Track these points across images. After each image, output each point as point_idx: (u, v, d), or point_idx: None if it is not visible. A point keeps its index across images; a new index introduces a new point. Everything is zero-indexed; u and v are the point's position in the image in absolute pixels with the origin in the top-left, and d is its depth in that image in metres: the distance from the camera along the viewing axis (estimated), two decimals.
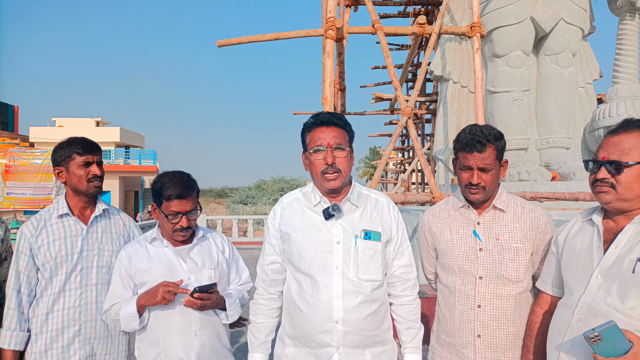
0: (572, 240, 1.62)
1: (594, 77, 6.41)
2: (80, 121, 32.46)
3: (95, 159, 2.11)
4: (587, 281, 1.49)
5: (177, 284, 1.89)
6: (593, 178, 1.53)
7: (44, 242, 2.03)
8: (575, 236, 1.62)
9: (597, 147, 1.55)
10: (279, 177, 34.18)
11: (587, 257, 1.53)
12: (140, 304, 1.89)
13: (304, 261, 1.74)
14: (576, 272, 1.55)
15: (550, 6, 5.67)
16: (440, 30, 5.36)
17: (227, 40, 5.25)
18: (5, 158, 15.02)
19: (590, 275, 1.48)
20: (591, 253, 1.52)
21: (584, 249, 1.56)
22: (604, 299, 1.43)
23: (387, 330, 1.83)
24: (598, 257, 1.49)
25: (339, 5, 7.27)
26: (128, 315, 1.89)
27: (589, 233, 1.57)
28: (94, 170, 2.09)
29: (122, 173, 26.99)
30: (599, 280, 1.46)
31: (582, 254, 1.55)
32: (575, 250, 1.59)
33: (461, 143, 1.82)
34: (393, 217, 1.85)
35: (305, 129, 1.79)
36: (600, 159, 1.50)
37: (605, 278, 1.45)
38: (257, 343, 1.87)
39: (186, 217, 1.94)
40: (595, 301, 1.45)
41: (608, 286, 1.43)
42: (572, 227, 1.67)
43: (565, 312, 1.54)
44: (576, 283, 1.54)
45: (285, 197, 1.92)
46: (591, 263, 1.50)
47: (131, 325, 1.92)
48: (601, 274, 1.46)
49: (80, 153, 2.08)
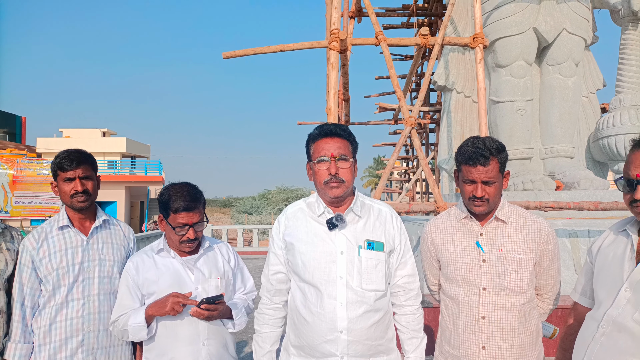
0: (605, 250, 1.56)
1: (598, 86, 6.41)
2: (86, 132, 32.76)
3: (78, 174, 2.06)
4: (615, 294, 1.43)
5: (187, 296, 1.90)
6: (630, 198, 1.43)
7: (46, 254, 2.04)
8: (608, 246, 1.56)
9: (626, 163, 1.45)
10: (284, 187, 34.20)
11: (617, 269, 1.46)
12: (148, 314, 1.91)
13: (308, 271, 1.76)
14: (605, 284, 1.49)
15: (553, 17, 5.70)
16: (443, 41, 5.40)
17: (233, 52, 5.32)
18: (12, 169, 15.15)
19: (620, 288, 1.41)
20: (622, 265, 1.45)
21: (615, 260, 1.49)
22: (631, 314, 1.36)
23: (390, 339, 1.84)
24: (629, 269, 1.42)
25: (343, 17, 7.35)
26: (136, 325, 1.91)
27: (622, 244, 1.50)
28: (75, 186, 2.06)
29: (128, 183, 27.12)
30: (627, 294, 1.39)
31: (614, 266, 1.48)
32: (607, 261, 1.52)
33: (464, 156, 1.82)
34: (396, 227, 1.86)
35: (310, 139, 1.82)
36: (634, 177, 1.39)
37: (634, 292, 1.37)
38: (262, 352, 1.88)
39: (193, 229, 1.96)
40: (622, 316, 1.39)
41: (637, 301, 1.36)
42: (607, 237, 1.61)
43: (591, 325, 1.49)
44: (605, 295, 1.48)
45: (290, 208, 1.94)
46: (621, 275, 1.43)
47: (139, 335, 1.93)
48: (630, 288, 1.39)
49: (63, 169, 2.06)
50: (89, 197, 2.11)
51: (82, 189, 2.07)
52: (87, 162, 2.12)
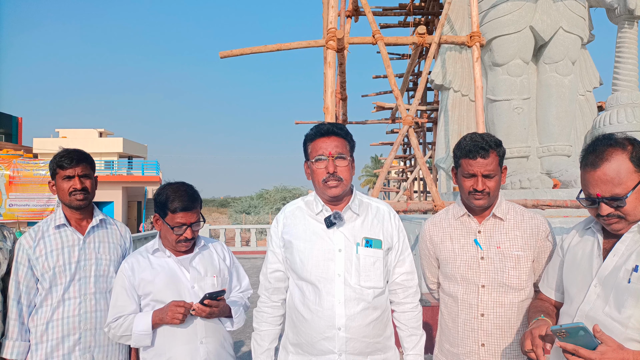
0: (574, 248, 1.62)
1: (594, 84, 6.43)
2: (83, 132, 32.62)
3: (78, 172, 2.09)
4: (586, 290, 1.49)
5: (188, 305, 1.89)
6: (596, 213, 1.47)
7: (42, 253, 2.05)
8: (576, 245, 1.62)
9: (583, 181, 1.48)
10: (282, 187, 34.19)
11: (586, 266, 1.52)
12: (154, 321, 1.90)
13: (306, 269, 1.76)
14: (576, 281, 1.55)
15: (549, 15, 5.71)
16: (440, 40, 5.41)
17: (230, 52, 5.31)
18: (9, 169, 15.08)
19: (589, 284, 1.48)
20: (591, 262, 1.51)
21: (584, 257, 1.55)
22: (602, 308, 1.43)
23: (389, 337, 1.84)
24: (597, 265, 1.49)
25: (340, 16, 7.35)
26: (142, 333, 1.90)
27: (589, 242, 1.57)
28: (74, 184, 2.08)
29: (125, 183, 27.03)
30: (597, 289, 1.46)
31: (582, 262, 1.55)
32: (576, 258, 1.59)
33: (464, 150, 1.83)
34: (394, 225, 1.87)
35: (308, 139, 1.82)
36: (594, 196, 1.44)
37: (603, 287, 1.44)
38: (260, 350, 1.88)
39: (191, 229, 1.97)
40: (593, 310, 1.45)
41: (606, 295, 1.42)
42: (575, 236, 1.66)
43: (564, 321, 1.54)
44: (576, 291, 1.53)
45: (288, 206, 1.94)
46: (590, 272, 1.50)
47: (144, 342, 1.92)
48: (600, 283, 1.45)
49: (62, 167, 2.08)
50: (87, 196, 2.13)
51: (81, 187, 2.09)
52: (86, 161, 2.14)
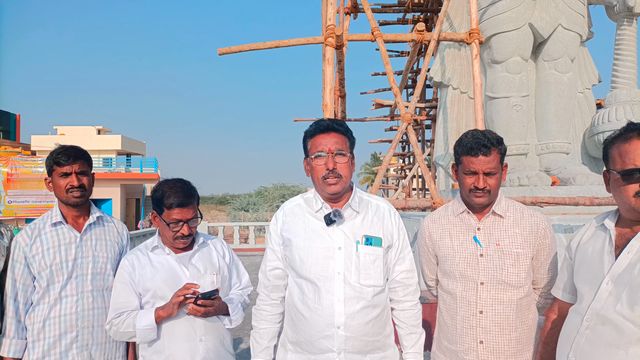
0: (584, 245, 1.59)
1: (593, 82, 6.43)
2: (81, 129, 32.56)
3: (75, 169, 2.08)
4: (597, 287, 1.45)
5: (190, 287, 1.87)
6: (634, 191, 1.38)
7: (39, 251, 2.04)
8: (587, 241, 1.58)
9: (620, 155, 1.42)
10: (280, 184, 34.20)
11: (598, 263, 1.48)
12: (158, 314, 1.89)
13: (306, 267, 1.75)
14: (587, 278, 1.51)
15: (548, 12, 5.71)
16: (439, 37, 5.40)
17: (228, 49, 5.30)
18: (7, 167, 15.05)
19: (601, 282, 1.44)
20: (602, 259, 1.47)
21: (595, 254, 1.51)
22: (613, 306, 1.39)
23: (388, 336, 1.83)
24: (609, 262, 1.45)
25: (339, 13, 7.33)
26: (146, 327, 1.89)
27: (601, 238, 1.53)
28: (71, 181, 2.07)
29: (124, 181, 27.01)
30: (609, 287, 1.42)
31: (594, 260, 1.51)
32: (586, 255, 1.55)
33: (465, 147, 1.81)
34: (394, 223, 1.86)
35: (307, 135, 1.81)
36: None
37: (615, 285, 1.40)
38: (259, 348, 1.88)
39: (187, 225, 1.96)
40: (604, 308, 1.41)
41: (618, 293, 1.39)
42: (585, 232, 1.63)
43: (574, 319, 1.51)
44: (586, 289, 1.50)
45: (287, 203, 1.93)
46: (602, 269, 1.46)
47: (149, 337, 1.91)
48: (612, 281, 1.42)
49: (59, 164, 2.06)
50: (84, 193, 2.11)
51: (78, 184, 2.08)
52: (83, 158, 2.13)
